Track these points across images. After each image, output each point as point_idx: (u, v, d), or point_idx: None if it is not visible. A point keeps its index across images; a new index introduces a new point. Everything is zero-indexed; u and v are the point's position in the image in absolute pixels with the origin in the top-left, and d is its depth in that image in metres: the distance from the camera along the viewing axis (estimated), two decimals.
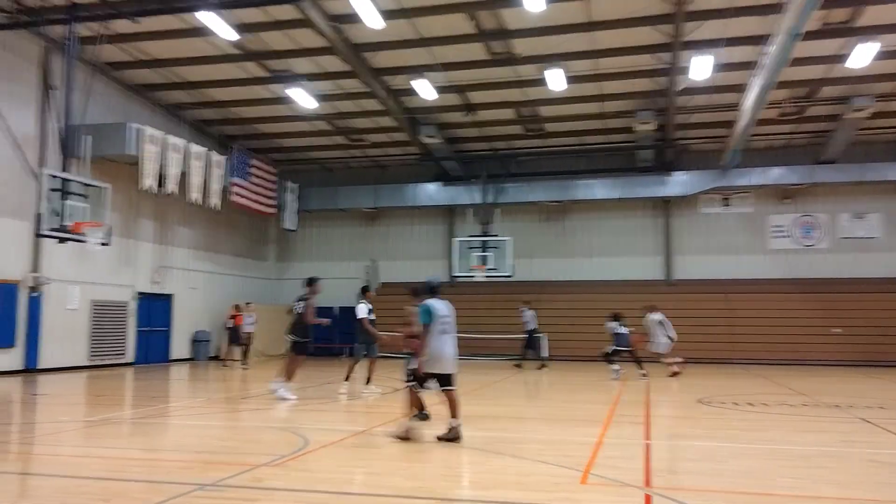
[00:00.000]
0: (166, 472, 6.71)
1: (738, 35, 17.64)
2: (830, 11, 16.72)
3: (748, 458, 7.52)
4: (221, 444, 8.17)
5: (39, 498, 5.92)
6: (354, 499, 5.61)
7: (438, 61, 19.59)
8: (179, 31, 18.30)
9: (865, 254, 25.48)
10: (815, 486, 6.19)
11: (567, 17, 17.45)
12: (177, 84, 21.81)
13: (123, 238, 21.24)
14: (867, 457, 7.57)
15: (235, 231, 27.62)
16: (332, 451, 7.69)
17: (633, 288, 26.59)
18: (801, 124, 24.07)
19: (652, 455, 7.59)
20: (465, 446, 8.13)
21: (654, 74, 20.31)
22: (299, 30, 18.05)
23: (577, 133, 25.53)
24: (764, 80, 16.50)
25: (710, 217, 26.80)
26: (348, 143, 27.09)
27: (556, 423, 10.39)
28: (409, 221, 29.35)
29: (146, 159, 19.18)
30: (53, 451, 8.11)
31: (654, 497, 5.70)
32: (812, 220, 25.99)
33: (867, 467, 7.08)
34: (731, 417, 11.02)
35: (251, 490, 5.90)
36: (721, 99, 21.84)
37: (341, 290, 29.13)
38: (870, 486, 6.30)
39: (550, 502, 5.56)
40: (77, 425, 9.76)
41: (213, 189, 21.92)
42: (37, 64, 18.52)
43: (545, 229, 28.04)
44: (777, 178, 24.98)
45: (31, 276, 18.10)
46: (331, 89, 21.89)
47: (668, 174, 25.72)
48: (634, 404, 12.33)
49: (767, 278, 25.98)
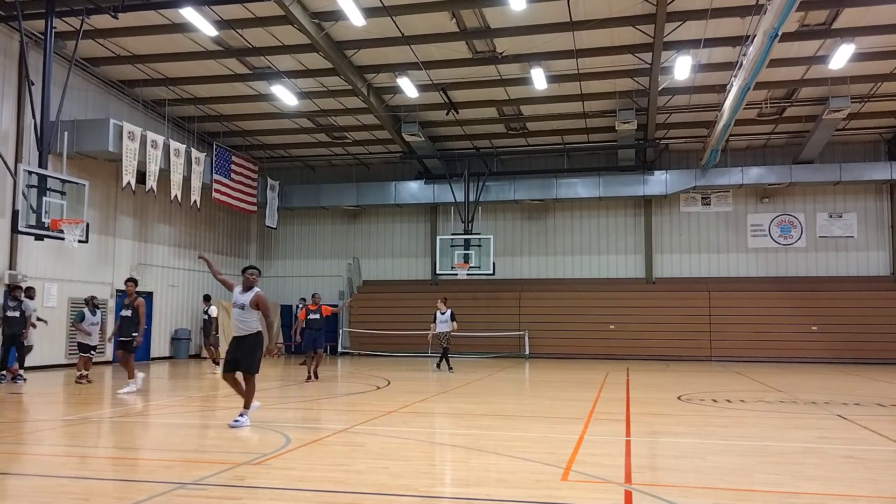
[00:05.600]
0: (147, 471, 6.67)
1: (718, 35, 17.82)
2: (808, 13, 16.93)
3: (728, 454, 7.60)
4: (203, 442, 8.13)
5: (19, 498, 5.86)
6: (337, 496, 5.61)
7: (421, 59, 19.59)
8: (160, 26, 18.15)
9: (843, 252, 25.83)
10: (794, 482, 6.27)
11: (549, 17, 17.51)
12: (157, 80, 21.64)
13: (102, 235, 21.05)
14: (844, 453, 7.67)
15: (216, 228, 27.46)
16: (314, 449, 7.67)
17: (614, 286, 26.83)
18: (780, 124, 24.34)
19: (633, 452, 7.65)
20: (448, 444, 8.15)
21: (635, 74, 20.44)
22: (281, 27, 17.97)
23: (559, 132, 25.64)
24: (743, 80, 16.66)
25: (689, 216, 27.03)
26: (330, 141, 27.02)
27: (538, 421, 10.44)
28: (392, 219, 29.34)
29: (126, 156, 19.02)
30: (33, 451, 8.03)
31: (634, 493, 5.74)
32: (790, 219, 26.29)
33: (844, 463, 7.17)
34: (710, 414, 11.13)
35: (233, 489, 5.88)
36: (701, 99, 22.04)
37: (323, 289, 29.15)
38: (847, 481, 6.39)
39: (532, 499, 5.59)
40: (56, 424, 9.67)
41: (194, 186, 21.77)
42: (15, 59, 18.29)
43: (527, 227, 28.15)
44: (756, 178, 25.24)
45: (8, 274, 17.88)
46: (313, 86, 21.81)
47: (649, 173, 25.92)
48: (615, 402, 12.42)
49: (746, 276, 26.26)
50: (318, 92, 22.18)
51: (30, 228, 15.53)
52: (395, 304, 27.05)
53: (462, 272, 25.11)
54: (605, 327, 25.81)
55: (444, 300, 19.70)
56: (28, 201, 15.41)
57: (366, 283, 28.96)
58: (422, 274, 28.57)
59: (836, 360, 23.73)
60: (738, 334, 24.96)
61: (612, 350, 25.41)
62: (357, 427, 9.31)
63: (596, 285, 26.96)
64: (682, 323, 25.50)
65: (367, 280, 28.98)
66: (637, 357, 24.91)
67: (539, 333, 25.84)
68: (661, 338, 25.49)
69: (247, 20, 17.80)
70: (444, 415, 10.97)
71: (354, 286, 28.78)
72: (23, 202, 15.28)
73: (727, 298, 25.47)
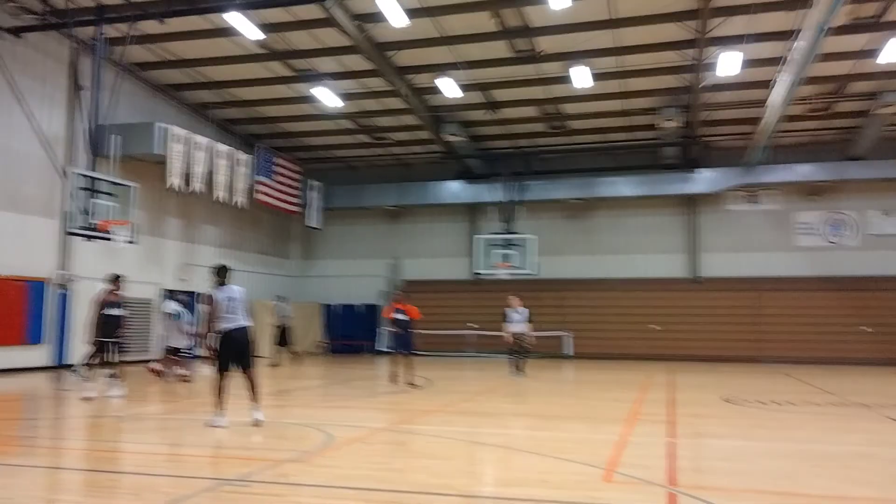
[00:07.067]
0: (193, 468, 6.79)
1: (764, 30, 17.44)
2: (859, 6, 16.48)
3: (774, 457, 7.44)
4: (246, 439, 8.25)
5: (71, 491, 6.03)
6: (378, 494, 5.64)
7: (462, 59, 19.60)
8: (205, 31, 18.48)
9: (895, 251, 25.09)
10: (844, 487, 6.12)
11: (591, 14, 17.36)
12: (203, 84, 22.05)
13: (150, 236, 21.49)
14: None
15: (260, 229, 27.84)
16: (356, 447, 7.73)
17: (659, 286, 26.45)
18: (829, 120, 23.73)
19: (677, 453, 7.54)
20: (489, 444, 8.13)
21: (678, 71, 20.14)
22: (323, 29, 18.15)
23: (601, 130, 25.39)
24: (791, 75, 16.30)
25: (736, 214, 26.51)
26: (372, 142, 27.17)
27: (580, 421, 10.36)
28: (432, 219, 29.37)
29: (172, 158, 19.39)
30: (84, 446, 8.24)
31: (678, 496, 5.66)
32: (840, 217, 25.62)
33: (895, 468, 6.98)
34: (757, 416, 10.91)
35: (276, 486, 5.95)
36: (747, 95, 21.60)
37: (364, 288, 29.35)
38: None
39: (573, 500, 5.55)
40: (106, 421, 9.90)
41: (239, 187, 22.10)
42: (66, 65, 18.81)
43: (569, 227, 27.92)
44: (804, 175, 24.64)
45: (59, 274, 18.39)
46: (355, 88, 21.98)
47: (694, 171, 25.49)
48: (659, 403, 12.26)
49: (794, 276, 25.65)
50: (360, 93, 22.33)
51: (80, 230, 15.93)
52: (436, 304, 27.05)
53: (503, 272, 25.03)
54: (650, 328, 25.48)
55: (517, 298, 18.08)
56: (78, 203, 15.80)
57: (406, 283, 29.06)
58: (462, 274, 28.53)
59: (889, 361, 23.07)
60: (786, 335, 24.41)
61: (656, 351, 25.07)
62: (398, 426, 9.35)
63: (640, 285, 26.63)
64: (728, 323, 25.04)
65: (407, 280, 29.08)
66: (682, 358, 24.54)
67: (582, 334, 25.60)
68: (706, 339, 25.07)
69: (289, 23, 18.02)
70: (485, 414, 10.95)
71: (395, 286, 28.89)
72: (73, 204, 15.67)
73: (775, 298, 24.94)
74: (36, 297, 17.81)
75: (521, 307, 17.78)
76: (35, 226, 17.88)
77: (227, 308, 8.99)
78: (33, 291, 17.75)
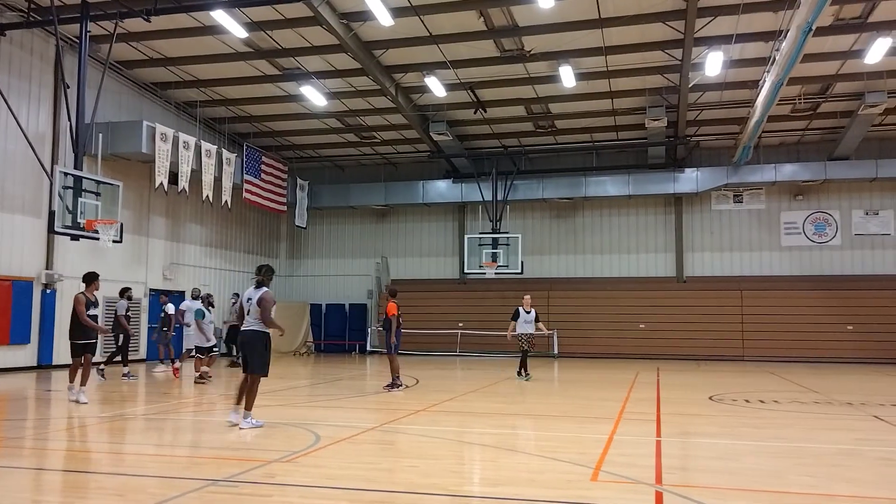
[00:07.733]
0: (180, 468, 6.75)
1: (750, 31, 17.57)
2: (843, 7, 16.62)
3: (761, 455, 7.49)
4: (233, 440, 8.22)
5: (56, 493, 5.97)
6: (366, 494, 5.63)
7: (449, 58, 19.59)
8: (192, 29, 18.38)
9: (879, 251, 25.33)
10: (829, 485, 6.17)
11: (578, 14, 17.42)
12: (189, 82, 21.93)
13: (136, 235, 21.36)
14: (881, 455, 7.53)
15: (246, 228, 27.74)
16: (344, 447, 7.71)
17: (645, 285, 26.58)
18: (814, 120, 23.94)
19: (663, 452, 7.58)
20: (478, 443, 8.14)
21: (665, 71, 20.24)
22: (310, 28, 18.10)
23: (588, 130, 25.48)
24: (776, 76, 16.41)
25: (721, 214, 26.69)
26: (359, 141, 27.14)
27: (568, 420, 10.39)
28: (420, 218, 29.38)
29: (159, 157, 19.28)
30: (68, 447, 8.18)
31: (665, 494, 5.69)
32: (825, 216, 25.84)
33: (881, 465, 7.04)
34: (743, 415, 10.98)
35: (264, 486, 5.93)
36: (733, 95, 21.74)
37: (352, 288, 29.34)
38: (884, 484, 6.27)
39: (562, 499, 5.56)
40: (91, 421, 9.83)
41: (225, 186, 22.00)
42: (51, 63, 18.65)
43: (556, 226, 28.01)
44: (790, 175, 24.84)
45: (44, 273, 18.24)
46: (341, 87, 21.93)
47: (680, 171, 25.65)
48: (646, 402, 12.31)
49: (779, 275, 25.86)
50: (347, 92, 22.29)
51: (65, 229, 15.78)
52: (424, 303, 27.06)
53: (490, 271, 25.05)
54: (636, 327, 25.59)
55: (530, 298, 17.73)
56: (64, 202, 15.67)
57: (394, 283, 29.03)
58: (450, 273, 28.56)
59: (873, 360, 23.28)
60: (771, 334, 24.59)
61: (642, 350, 25.18)
62: (386, 425, 9.34)
63: (626, 284, 26.75)
64: (713, 322, 25.19)
65: (396, 279, 29.06)
66: (668, 357, 24.67)
67: (568, 333, 25.68)
68: (692, 337, 25.23)
69: (276, 21, 17.95)
70: (473, 414, 10.95)
71: (383, 285, 28.87)
72: (59, 203, 15.54)
73: (760, 297, 25.11)
74: (22, 296, 17.66)
75: (531, 308, 17.55)
76: (20, 225, 17.74)
77: (245, 309, 9.16)
78: (19, 291, 17.59)
